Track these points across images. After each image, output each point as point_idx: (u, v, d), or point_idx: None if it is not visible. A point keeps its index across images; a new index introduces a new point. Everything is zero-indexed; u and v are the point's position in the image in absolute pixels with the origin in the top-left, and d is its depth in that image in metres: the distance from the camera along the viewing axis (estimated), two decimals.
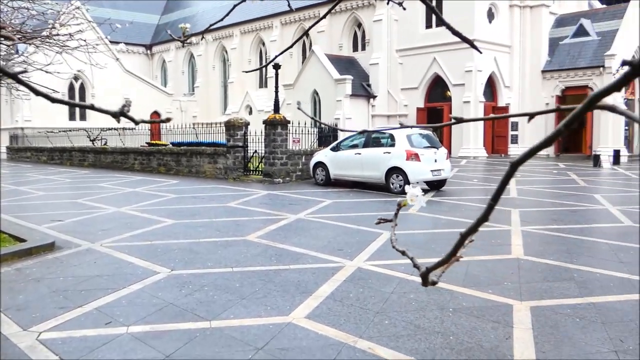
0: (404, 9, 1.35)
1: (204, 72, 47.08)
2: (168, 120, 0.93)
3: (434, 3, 31.43)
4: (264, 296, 6.35)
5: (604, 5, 37.71)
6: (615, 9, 32.31)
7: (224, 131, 21.01)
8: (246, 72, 1.44)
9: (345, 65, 33.41)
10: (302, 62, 35.92)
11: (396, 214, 1.08)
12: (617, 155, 26.82)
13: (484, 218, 0.90)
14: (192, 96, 48.14)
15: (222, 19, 1.68)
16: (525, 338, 5.17)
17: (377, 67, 33.33)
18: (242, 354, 4.77)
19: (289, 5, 2.55)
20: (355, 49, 36.10)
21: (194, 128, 25.99)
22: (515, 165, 0.84)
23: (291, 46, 1.62)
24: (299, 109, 1.23)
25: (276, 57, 1.53)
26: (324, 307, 5.99)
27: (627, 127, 30.59)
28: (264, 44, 42.17)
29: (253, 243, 9.24)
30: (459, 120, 0.95)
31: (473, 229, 0.92)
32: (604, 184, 18.94)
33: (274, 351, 4.81)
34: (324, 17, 1.29)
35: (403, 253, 1.03)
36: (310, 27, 1.48)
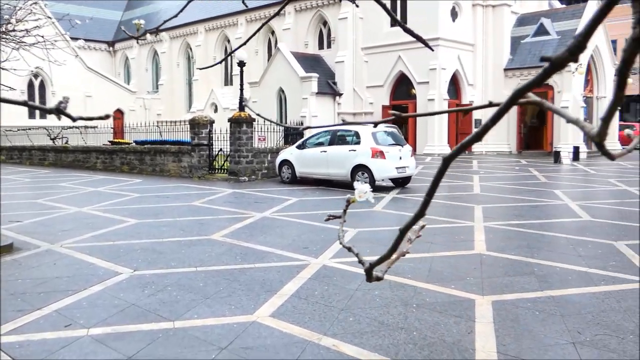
0: (357, 6, 1.35)
1: (168, 70, 46.51)
2: (107, 117, 0.91)
3: (398, 2, 31.81)
4: (228, 295, 6.31)
5: (564, 5, 38.58)
6: (574, 8, 33.07)
7: (189, 129, 20.79)
8: (201, 68, 1.42)
9: (311, 63, 33.40)
10: (268, 60, 35.77)
11: (345, 211, 1.08)
12: (576, 151, 27.48)
13: (421, 213, 0.91)
14: (156, 94, 47.50)
15: (175, 15, 1.66)
16: (487, 332, 5.25)
17: (342, 65, 33.42)
18: (205, 354, 4.73)
19: (243, 2, 2.53)
20: (321, 46, 36.12)
21: (157, 126, 25.66)
22: (447, 161, 0.85)
23: (250, 37, 1.60)
24: (245, 105, 1.22)
25: (235, 50, 1.51)
26: (288, 305, 5.98)
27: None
28: (229, 41, 41.87)
29: (218, 242, 9.17)
30: (398, 117, 0.96)
31: (410, 225, 0.92)
32: (564, 180, 19.39)
33: (237, 350, 4.79)
34: (278, 13, 1.28)
35: (349, 249, 1.03)
36: (268, 20, 1.46)
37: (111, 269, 7.45)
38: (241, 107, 20.10)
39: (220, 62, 1.45)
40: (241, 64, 20.66)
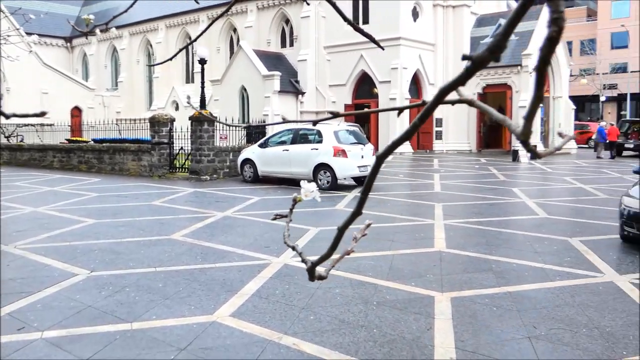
0: (308, 4, 1.34)
1: (128, 67, 45.66)
2: (43, 114, 0.88)
3: (360, 2, 31.95)
4: (188, 295, 6.24)
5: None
6: (531, 10, 33.77)
7: (149, 127, 20.46)
8: (150, 65, 1.39)
9: (273, 61, 33.28)
10: (230, 58, 35.49)
11: (291, 210, 1.07)
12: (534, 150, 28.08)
13: (358, 212, 0.91)
14: (116, 91, 46.59)
15: (125, 11, 1.62)
16: (446, 328, 5.32)
17: (305, 64, 33.40)
18: (164, 354, 4.66)
19: (196, 1, 2.49)
20: (283, 45, 36.02)
21: (117, 124, 25.16)
22: (380, 158, 0.85)
23: (206, 29, 1.58)
24: (188, 103, 1.19)
25: (191, 42, 1.48)
26: (249, 304, 5.95)
27: (542, 124, 32.11)
28: (190, 38, 41.36)
29: (178, 242, 9.05)
30: (336, 115, 0.96)
31: (348, 223, 0.92)
32: (522, 178, 19.80)
33: (197, 351, 4.73)
34: (226, 11, 1.26)
35: (293, 248, 1.02)
36: (226, 11, 1.43)
37: (67, 270, 7.28)
38: (202, 105, 19.88)
39: (171, 58, 1.42)
40: (202, 62, 20.44)
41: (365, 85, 32.60)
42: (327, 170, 15.67)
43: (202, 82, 20.65)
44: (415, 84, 32.54)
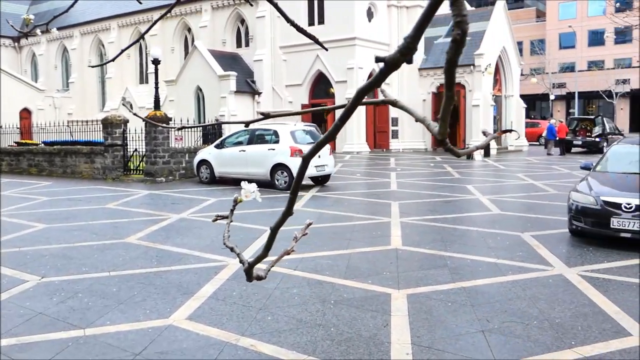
0: (251, 5, 1.34)
1: (79, 67, 44.54)
2: None
3: (315, 2, 32.02)
4: (143, 300, 6.14)
5: (473, 8, 40.17)
6: (482, 11, 34.51)
7: (102, 129, 20.02)
8: (92, 66, 1.36)
9: (229, 61, 33.02)
10: (185, 58, 35.04)
11: (232, 210, 1.07)
12: (487, 148, 28.71)
13: (288, 212, 0.92)
14: (67, 92, 45.38)
15: (66, 11, 1.58)
16: (402, 324, 5.39)
17: (261, 64, 33.27)
18: None
19: (139, 1, 2.45)
20: (239, 45, 35.77)
21: (68, 126, 24.52)
22: (306, 159, 0.86)
23: (149, 29, 1.56)
24: (124, 105, 1.18)
25: (126, 48, 1.46)
26: (206, 307, 5.89)
27: (495, 122, 32.84)
28: (143, 38, 40.64)
29: (133, 245, 8.90)
30: (267, 116, 0.96)
31: (280, 223, 0.93)
32: (475, 175, 20.21)
33: (152, 355, 4.66)
34: (170, 10, 1.25)
35: (232, 249, 1.03)
36: (160, 18, 1.41)
37: (16, 277, 7.06)
38: (157, 106, 19.57)
39: (114, 59, 1.40)
40: (156, 62, 20.13)
41: (321, 85, 32.70)
42: (284, 170, 15.65)
43: (156, 83, 20.33)
44: None
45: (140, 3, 27.92)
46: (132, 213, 12.15)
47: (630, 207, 8.33)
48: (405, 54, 0.71)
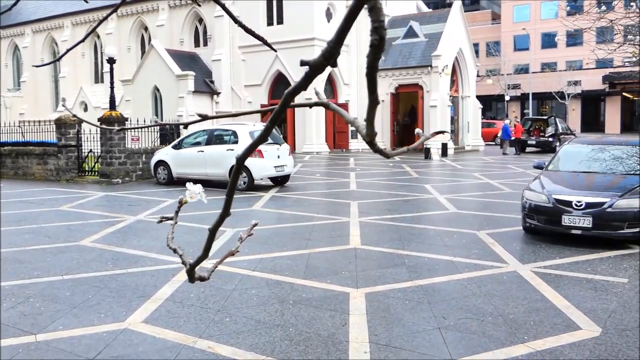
0: (199, 5, 1.33)
1: (31, 66, 43.31)
2: None
3: (274, 2, 31.94)
4: (98, 303, 6.01)
5: (430, 10, 40.75)
6: (439, 13, 35.03)
7: (55, 129, 19.51)
8: (36, 66, 1.32)
9: (187, 61, 32.64)
10: (142, 57, 34.47)
11: (177, 212, 1.06)
12: (444, 148, 29.18)
13: (225, 213, 0.91)
14: (18, 91, 44.09)
15: (9, 9, 1.53)
16: (360, 323, 5.43)
17: (219, 64, 32.99)
18: None
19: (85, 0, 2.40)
20: (197, 44, 35.38)
21: (19, 126, 23.80)
22: (240, 160, 0.86)
23: (82, 41, 1.52)
24: (63, 106, 1.15)
25: (68, 51, 1.41)
26: (162, 309, 5.81)
27: (452, 122, 33.39)
28: (98, 36, 39.79)
29: (87, 248, 8.70)
30: (204, 118, 0.96)
31: (218, 225, 0.93)
32: (433, 175, 20.50)
33: None
34: (115, 10, 1.23)
35: (174, 251, 1.02)
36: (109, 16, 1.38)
37: None
38: (112, 106, 19.19)
39: (59, 59, 1.36)
40: (111, 61, 19.73)
41: (281, 85, 32.62)
42: (243, 170, 15.54)
43: (112, 83, 19.93)
44: (331, 84, 32.92)
45: (87, 2, 27.27)
46: (87, 215, 11.89)
47: (581, 205, 8.58)
48: (328, 58, 0.73)
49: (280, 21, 31.75)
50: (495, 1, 74.06)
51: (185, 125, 0.99)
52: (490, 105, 61.32)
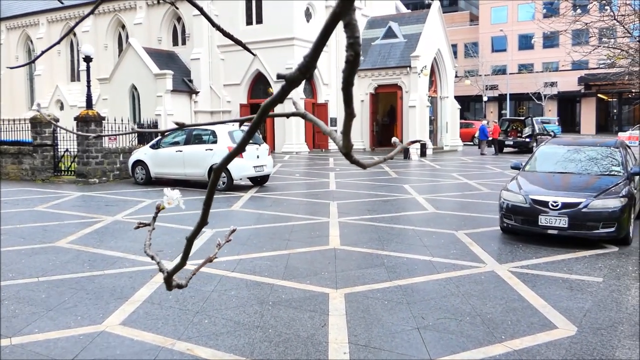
0: (176, 8, 1.32)
1: (6, 63, 42.60)
2: None
3: (253, 1, 31.84)
4: (74, 305, 5.93)
5: (409, 10, 40.97)
6: (418, 14, 35.23)
7: (30, 128, 19.21)
8: (11, 67, 1.30)
9: (165, 59, 32.38)
10: (119, 56, 34.09)
11: (154, 218, 1.05)
12: (423, 148, 29.36)
13: (203, 222, 0.91)
14: None
15: None
16: (340, 324, 5.43)
17: (198, 63, 32.79)
18: None
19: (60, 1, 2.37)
20: (175, 43, 35.13)
21: None
22: (217, 171, 0.86)
23: (58, 42, 1.50)
24: (37, 111, 1.13)
25: (42, 54, 1.39)
26: (140, 311, 5.75)
27: (431, 123, 33.61)
28: (75, 34, 39.28)
29: (63, 249, 8.58)
30: (181, 126, 0.95)
31: (195, 233, 0.93)
32: (412, 175, 20.62)
33: None
34: (92, 12, 1.21)
35: (152, 258, 1.01)
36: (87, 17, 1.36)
37: None
38: (89, 105, 18.95)
39: (33, 62, 1.33)
40: (87, 60, 19.48)
41: (260, 85, 32.55)
42: (222, 171, 15.45)
43: (88, 81, 19.68)
44: (310, 84, 32.90)
45: (62, 3, 26.91)
46: (63, 216, 11.73)
47: (557, 205, 8.70)
48: (304, 72, 0.74)
49: (259, 21, 31.67)
50: (473, 2, 74.77)
51: (162, 133, 0.99)
52: (469, 105, 61.89)
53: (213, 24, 1.17)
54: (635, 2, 10.61)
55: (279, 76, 0.76)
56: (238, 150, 0.85)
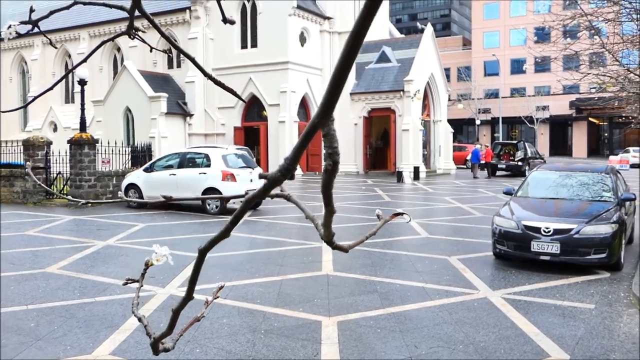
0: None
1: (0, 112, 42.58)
2: None
3: (248, 25, 32.14)
4: (64, 334, 5.87)
5: (402, 35, 41.42)
6: (411, 38, 35.62)
7: (23, 151, 19.18)
8: (5, 112, 1.30)
9: (160, 82, 32.52)
10: (114, 78, 34.21)
11: (143, 275, 1.06)
12: (416, 171, 29.46)
13: (188, 297, 0.92)
14: None
15: None
16: (332, 352, 5.40)
17: (193, 85, 32.94)
18: None
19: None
20: (170, 66, 35.31)
21: None
22: (203, 252, 0.88)
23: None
24: (27, 171, 1.13)
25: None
26: (131, 340, 5.70)
27: (424, 146, 33.78)
28: (70, 56, 39.45)
29: (54, 275, 8.51)
30: (168, 199, 0.96)
31: (181, 307, 0.94)
32: (405, 199, 20.64)
33: None
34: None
35: (140, 320, 1.01)
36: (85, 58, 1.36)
37: None
38: (82, 128, 18.96)
39: (30, 103, 1.34)
40: (82, 83, 19.53)
41: (254, 108, 32.70)
42: (215, 194, 15.46)
43: (82, 104, 19.70)
44: (304, 107, 33.09)
45: (40, 30, 26.95)
46: (54, 240, 11.65)
47: (549, 231, 8.73)
48: (284, 174, 0.79)
49: (254, 44, 31.92)
50: (466, 27, 75.64)
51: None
52: (462, 129, 62.27)
53: (205, 74, 1.19)
54: (622, 30, 10.79)
55: (261, 176, 0.81)
56: (223, 236, 0.86)
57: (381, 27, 37.86)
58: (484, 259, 9.75)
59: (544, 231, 8.77)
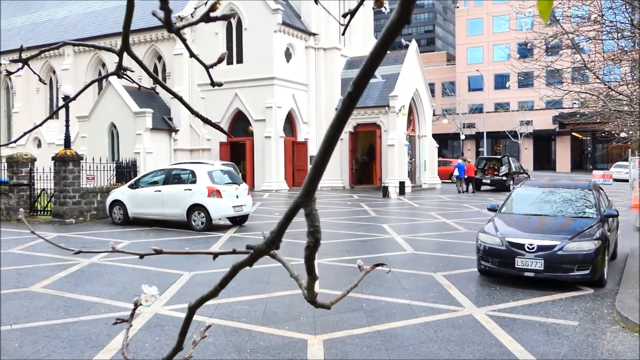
0: (151, 89, 1.38)
1: None
2: None
3: (234, 41, 32.25)
4: (48, 355, 5.82)
5: (387, 51, 41.70)
6: (396, 54, 35.93)
7: (6, 167, 19.01)
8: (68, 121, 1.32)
9: (145, 98, 32.45)
10: (99, 93, 34.09)
11: (132, 315, 1.08)
12: (402, 186, 29.59)
13: (178, 348, 0.95)
14: None
15: None
16: None
17: (178, 101, 32.91)
18: None
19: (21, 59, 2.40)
20: (155, 81, 35.26)
21: None
22: (192, 309, 0.91)
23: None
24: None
25: (53, 114, 1.41)
26: None
27: (410, 162, 33.98)
28: (54, 72, 39.28)
29: (38, 294, 8.43)
30: (159, 252, 1.00)
31: (172, 355, 0.96)
32: (391, 214, 20.71)
33: None
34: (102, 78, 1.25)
35: None
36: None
37: None
38: (67, 144, 18.84)
39: (26, 134, 1.35)
40: (65, 99, 19.40)
41: (240, 123, 32.72)
42: (201, 210, 15.42)
43: (67, 121, 19.57)
44: (290, 123, 33.18)
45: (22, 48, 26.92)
46: (38, 258, 11.54)
47: (533, 248, 8.82)
48: (270, 246, 0.83)
49: (240, 60, 32.02)
50: (450, 43, 76.50)
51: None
52: (447, 143, 62.73)
53: (192, 111, 1.22)
54: (604, 47, 10.99)
55: (248, 247, 0.85)
56: (212, 295, 0.90)
57: (366, 43, 38.20)
58: (469, 276, 9.81)
59: (528, 248, 8.85)
